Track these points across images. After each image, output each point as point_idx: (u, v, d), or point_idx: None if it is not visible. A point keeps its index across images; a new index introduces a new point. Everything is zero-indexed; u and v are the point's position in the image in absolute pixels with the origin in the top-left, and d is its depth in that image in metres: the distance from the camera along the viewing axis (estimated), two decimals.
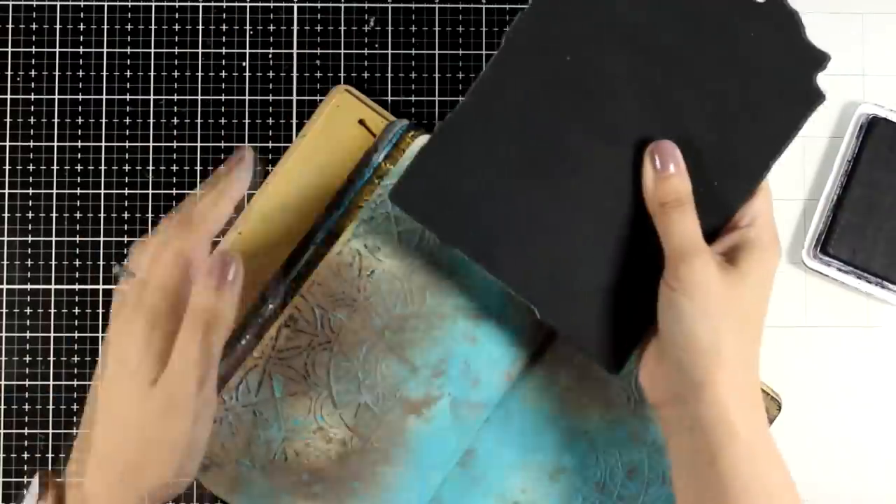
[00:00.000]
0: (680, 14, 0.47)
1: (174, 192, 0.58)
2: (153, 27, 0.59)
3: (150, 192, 0.58)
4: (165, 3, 0.59)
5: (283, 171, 0.54)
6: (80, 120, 0.59)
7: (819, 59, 0.48)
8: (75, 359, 0.58)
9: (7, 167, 0.58)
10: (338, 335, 0.51)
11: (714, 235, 0.47)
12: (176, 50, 0.59)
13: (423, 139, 0.51)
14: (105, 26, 0.59)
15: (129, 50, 0.59)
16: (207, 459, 0.50)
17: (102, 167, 0.58)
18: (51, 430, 0.57)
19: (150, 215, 0.58)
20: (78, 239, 0.58)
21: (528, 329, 0.52)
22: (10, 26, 0.59)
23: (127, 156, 0.59)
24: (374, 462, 0.52)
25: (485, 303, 0.52)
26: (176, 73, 0.59)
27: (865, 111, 0.58)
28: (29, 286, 0.58)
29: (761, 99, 0.47)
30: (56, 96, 0.59)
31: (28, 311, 0.58)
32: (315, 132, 0.54)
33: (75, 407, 0.58)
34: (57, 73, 0.59)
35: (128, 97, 0.59)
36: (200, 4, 0.59)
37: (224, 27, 0.59)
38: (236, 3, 0.59)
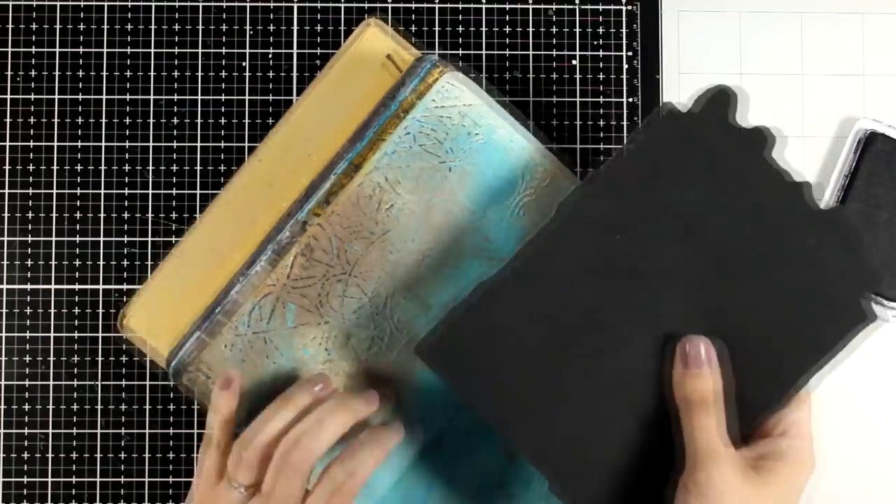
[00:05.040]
0: (741, 209, 0.45)
1: (174, 191, 0.58)
2: (153, 27, 0.59)
3: (150, 192, 0.58)
4: (165, 3, 0.59)
5: (306, 103, 0.53)
6: (80, 120, 0.59)
7: (874, 280, 0.45)
8: (75, 359, 0.58)
9: (7, 167, 0.58)
10: (353, 267, 0.50)
11: (745, 440, 0.45)
12: (176, 50, 0.59)
13: (451, 74, 0.51)
14: (105, 26, 0.59)
15: (129, 50, 0.59)
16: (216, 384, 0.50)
17: (102, 167, 0.58)
18: (51, 430, 0.57)
19: (150, 215, 0.58)
20: (78, 239, 0.58)
21: None
22: (10, 26, 0.59)
23: (127, 156, 0.59)
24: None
25: (501, 246, 0.51)
26: (176, 73, 0.59)
27: (863, 126, 0.58)
28: (29, 286, 0.58)
29: (809, 308, 0.45)
30: (56, 96, 0.59)
31: (28, 311, 0.58)
32: (341, 65, 0.53)
33: (75, 407, 0.58)
34: (57, 73, 0.59)
35: (128, 97, 0.59)
36: (200, 4, 0.59)
37: (224, 27, 0.59)
38: (236, 3, 0.59)
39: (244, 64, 0.59)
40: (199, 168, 0.59)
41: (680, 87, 0.60)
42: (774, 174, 0.46)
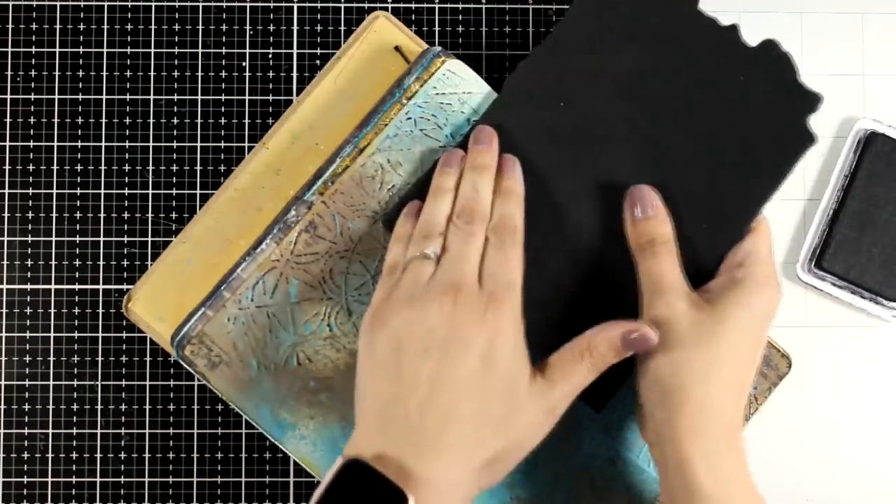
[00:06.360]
0: (672, 60, 0.48)
1: (174, 191, 0.58)
2: (153, 27, 0.59)
3: (150, 192, 0.58)
4: (165, 3, 0.59)
5: (315, 92, 0.54)
6: (80, 120, 0.59)
7: (812, 101, 0.47)
8: (75, 359, 0.58)
9: (7, 167, 0.58)
10: (356, 245, 0.51)
11: (707, 278, 0.46)
12: (176, 50, 0.59)
13: (452, 63, 0.52)
14: (105, 26, 0.59)
15: (129, 50, 0.59)
16: (217, 357, 0.50)
17: (102, 167, 0.58)
18: (51, 430, 0.57)
19: (149, 215, 0.58)
20: (78, 239, 0.58)
21: None
22: (10, 26, 0.59)
23: (127, 156, 0.59)
24: None
25: None
26: (176, 73, 0.59)
27: (864, 126, 0.58)
28: (29, 286, 0.58)
29: (753, 141, 0.47)
30: (56, 96, 0.59)
31: (28, 311, 0.58)
32: (350, 56, 0.54)
33: (75, 407, 0.58)
34: (57, 73, 0.59)
35: (128, 97, 0.59)
36: (200, 4, 0.59)
37: (224, 27, 0.59)
38: (236, 3, 0.59)
39: (244, 64, 0.59)
40: (199, 168, 0.59)
41: None
42: (706, 22, 0.48)
